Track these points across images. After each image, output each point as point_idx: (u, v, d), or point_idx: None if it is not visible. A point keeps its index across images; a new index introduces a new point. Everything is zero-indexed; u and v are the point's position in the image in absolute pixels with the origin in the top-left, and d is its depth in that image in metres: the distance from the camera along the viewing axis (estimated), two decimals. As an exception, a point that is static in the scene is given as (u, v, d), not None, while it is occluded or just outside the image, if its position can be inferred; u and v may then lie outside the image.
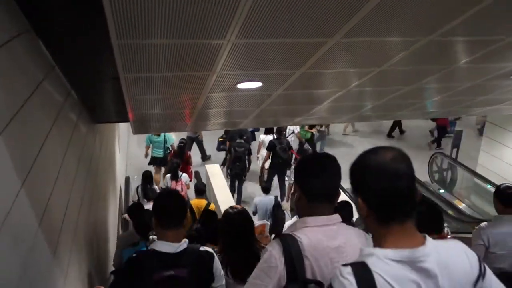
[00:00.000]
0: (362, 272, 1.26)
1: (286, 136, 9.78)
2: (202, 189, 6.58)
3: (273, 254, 1.65)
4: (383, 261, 1.27)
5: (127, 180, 7.28)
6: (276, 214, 6.67)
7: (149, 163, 8.95)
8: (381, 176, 1.32)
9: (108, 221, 4.77)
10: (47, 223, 2.08)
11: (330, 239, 1.67)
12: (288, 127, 10.12)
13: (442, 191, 9.10)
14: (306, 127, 10.43)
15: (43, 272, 2.01)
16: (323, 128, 11.44)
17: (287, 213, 6.92)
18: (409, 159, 1.36)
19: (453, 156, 9.93)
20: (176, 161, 7.69)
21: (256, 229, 3.53)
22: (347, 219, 3.88)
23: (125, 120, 4.33)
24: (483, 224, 3.54)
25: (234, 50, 2.19)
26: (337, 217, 1.76)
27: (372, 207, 1.35)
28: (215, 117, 4.49)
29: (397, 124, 12.82)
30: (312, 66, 2.63)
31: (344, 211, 4.03)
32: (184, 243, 2.34)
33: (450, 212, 7.60)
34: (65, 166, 2.62)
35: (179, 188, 7.62)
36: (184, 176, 8.01)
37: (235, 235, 2.91)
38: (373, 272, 1.25)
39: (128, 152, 10.66)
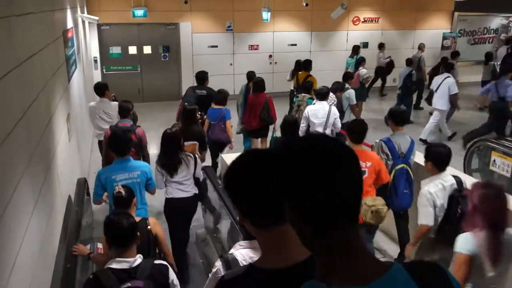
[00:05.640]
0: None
1: None
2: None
3: (218, 269, 2.12)
4: None
5: (81, 183, 4.77)
6: None
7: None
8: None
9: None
10: None
11: (257, 254, 1.97)
12: None
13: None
14: None
15: None
16: None
17: None
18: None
19: None
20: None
21: (188, 147, 4.86)
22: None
23: None
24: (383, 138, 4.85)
25: None
26: None
27: None
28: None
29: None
30: None
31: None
32: (139, 258, 2.63)
33: None
34: None
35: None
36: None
37: (166, 147, 4.48)
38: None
39: (92, 158, 8.08)
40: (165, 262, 2.77)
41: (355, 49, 12.56)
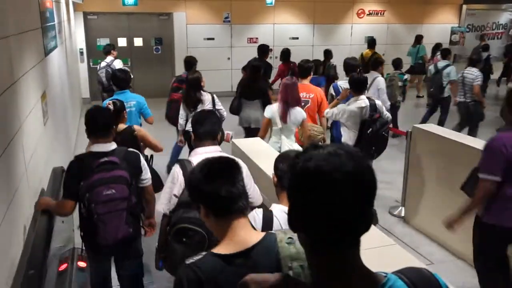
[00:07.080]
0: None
1: None
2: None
3: (176, 171, 2.80)
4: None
5: (57, 173, 3.70)
6: None
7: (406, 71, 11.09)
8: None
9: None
10: None
11: None
12: None
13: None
14: None
15: None
16: None
17: None
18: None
19: None
20: None
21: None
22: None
23: None
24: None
25: None
26: (216, 148, 2.94)
27: None
28: None
29: None
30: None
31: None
32: (114, 144, 3.07)
33: None
34: None
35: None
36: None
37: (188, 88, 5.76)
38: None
39: (77, 152, 6.93)
40: (136, 150, 3.24)
41: (418, 39, 12.78)
